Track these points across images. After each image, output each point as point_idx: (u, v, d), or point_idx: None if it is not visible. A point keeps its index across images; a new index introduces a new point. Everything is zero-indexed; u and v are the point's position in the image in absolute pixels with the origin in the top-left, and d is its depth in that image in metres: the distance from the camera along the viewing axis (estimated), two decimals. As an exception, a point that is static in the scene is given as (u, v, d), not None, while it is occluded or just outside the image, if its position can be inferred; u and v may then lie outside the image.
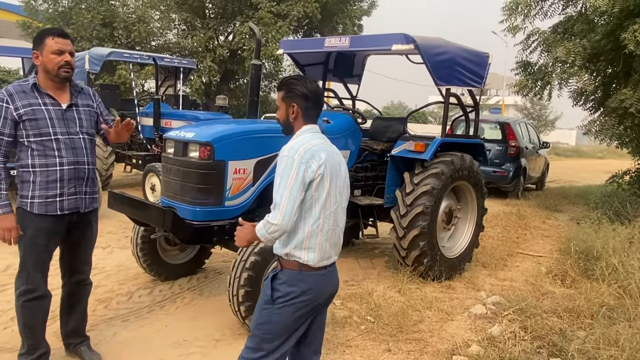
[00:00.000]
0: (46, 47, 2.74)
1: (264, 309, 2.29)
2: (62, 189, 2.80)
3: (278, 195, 2.16)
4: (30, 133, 2.71)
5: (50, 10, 14.60)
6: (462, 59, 5.13)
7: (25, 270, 2.83)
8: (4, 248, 5.39)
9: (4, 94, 2.70)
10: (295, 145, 2.23)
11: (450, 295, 4.95)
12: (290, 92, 2.32)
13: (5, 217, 2.70)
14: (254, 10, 15.28)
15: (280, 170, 2.19)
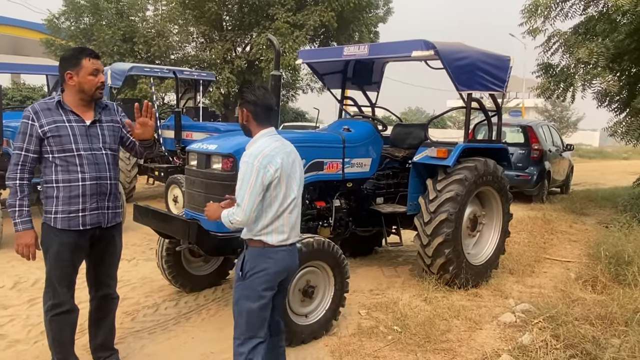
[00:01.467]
0: (83, 69, 2.79)
1: (237, 286, 2.68)
2: (84, 204, 2.83)
3: (239, 196, 2.55)
4: (54, 149, 2.76)
5: (72, 28, 14.94)
6: (482, 63, 5.07)
7: (52, 285, 2.86)
8: (32, 263, 5.51)
9: (30, 111, 2.75)
10: (254, 152, 2.59)
11: (477, 304, 4.86)
12: (242, 99, 2.75)
13: (25, 233, 2.75)
14: (271, 21, 15.39)
15: (241, 174, 2.56)
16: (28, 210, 2.77)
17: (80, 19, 14.95)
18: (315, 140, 4.52)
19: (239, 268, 2.71)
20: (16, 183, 2.72)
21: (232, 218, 2.57)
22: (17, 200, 2.72)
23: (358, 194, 5.04)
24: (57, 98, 2.81)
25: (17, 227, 2.74)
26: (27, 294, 4.69)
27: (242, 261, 2.71)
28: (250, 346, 2.63)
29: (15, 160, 2.72)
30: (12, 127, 6.79)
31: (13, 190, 2.72)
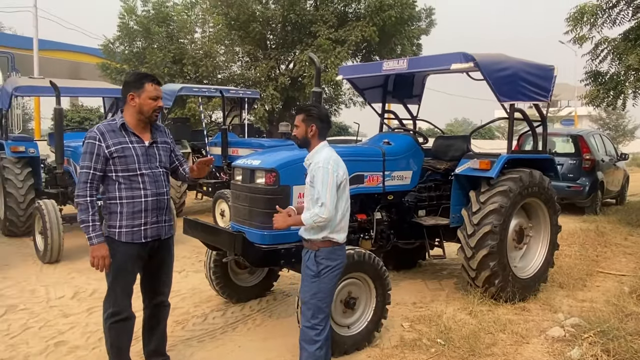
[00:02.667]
0: (145, 92, 3.02)
1: (313, 282, 3.07)
2: (145, 218, 3.04)
3: (323, 196, 2.91)
4: (119, 168, 2.98)
5: (126, 52, 15.77)
6: (525, 73, 5.02)
7: (113, 294, 3.06)
8: (90, 274, 5.85)
9: (97, 132, 2.97)
10: (326, 158, 3.01)
11: (525, 317, 4.75)
12: (309, 115, 3.13)
13: (99, 246, 2.95)
14: (313, 38, 15.69)
15: (320, 177, 2.94)
16: (100, 224, 2.98)
17: (133, 43, 15.76)
18: (355, 153, 4.60)
19: (310, 267, 3.08)
20: (87, 200, 2.93)
21: (317, 218, 2.92)
22: (89, 216, 2.93)
23: (399, 207, 5.07)
24: (121, 121, 3.03)
25: (91, 241, 2.94)
26: (86, 303, 4.98)
27: (313, 261, 3.07)
28: (326, 323, 3.14)
29: (84, 179, 2.95)
30: (72, 147, 7.26)
31: (84, 207, 2.93)
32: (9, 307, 4.80)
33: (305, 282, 3.12)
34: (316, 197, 2.96)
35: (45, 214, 6.30)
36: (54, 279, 5.79)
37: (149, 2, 16.15)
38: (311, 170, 3.04)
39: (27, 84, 7.99)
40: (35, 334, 4.18)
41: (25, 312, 4.68)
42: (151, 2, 16.20)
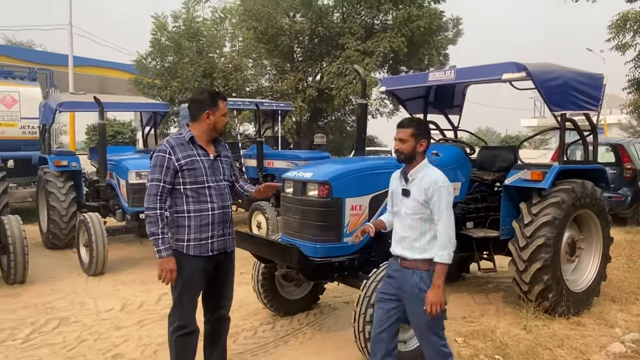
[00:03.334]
0: (219, 110, 3.11)
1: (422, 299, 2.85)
2: (212, 231, 3.06)
3: (446, 218, 2.82)
4: (187, 181, 3.01)
5: (158, 67, 16.07)
6: (575, 82, 4.93)
7: (180, 308, 3.06)
8: (135, 286, 5.90)
9: (166, 146, 3.01)
10: (443, 178, 2.89)
11: (581, 333, 4.61)
12: (420, 131, 2.97)
13: (168, 259, 2.96)
14: (341, 50, 15.77)
15: (444, 199, 2.83)
16: (168, 237, 3.00)
17: (165, 58, 16.06)
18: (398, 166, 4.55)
19: (422, 289, 2.86)
20: (157, 212, 2.96)
21: (451, 247, 2.82)
22: (159, 229, 2.95)
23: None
24: (189, 135, 3.07)
25: (160, 253, 2.96)
26: (135, 315, 5.01)
27: (426, 281, 2.86)
28: None
29: (154, 191, 2.97)
30: (115, 161, 7.38)
31: (154, 220, 2.95)
32: (61, 320, 4.86)
33: (419, 305, 2.85)
34: (437, 219, 2.85)
35: (91, 227, 6.40)
36: (101, 291, 5.86)
37: (179, 18, 16.46)
38: (426, 189, 2.86)
39: (70, 99, 8.19)
40: (91, 346, 4.22)
41: (77, 325, 4.74)
42: (181, 18, 16.50)
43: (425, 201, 2.85)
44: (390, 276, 3.09)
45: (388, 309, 3.02)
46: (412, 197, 2.93)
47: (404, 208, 2.98)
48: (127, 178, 6.80)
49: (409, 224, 2.93)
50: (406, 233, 2.94)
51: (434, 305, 2.77)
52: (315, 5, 16.07)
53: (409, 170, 3.00)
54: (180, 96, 15.01)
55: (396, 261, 3.04)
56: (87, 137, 18.44)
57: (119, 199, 7.14)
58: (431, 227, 2.88)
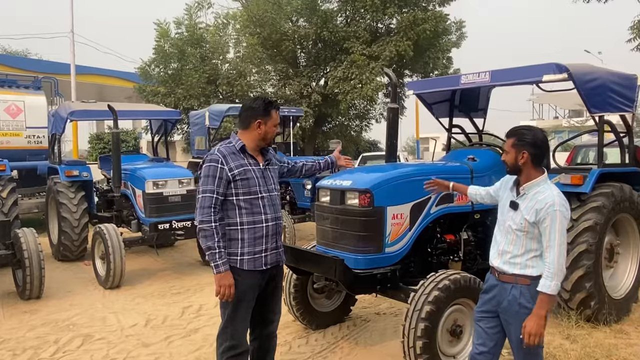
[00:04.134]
0: (271, 120, 2.97)
1: None
2: (266, 244, 2.91)
3: (557, 246, 2.51)
4: (240, 192, 2.85)
5: (161, 74, 15.91)
6: (612, 83, 4.79)
7: (233, 326, 2.89)
8: (155, 300, 5.71)
9: (219, 155, 2.85)
10: (560, 199, 2.57)
11: (626, 342, 4.45)
12: (521, 141, 2.67)
13: (227, 274, 2.80)
14: (346, 55, 15.66)
15: (557, 224, 2.52)
16: (225, 251, 2.83)
17: (169, 65, 15.91)
18: (443, 171, 4.41)
19: (526, 306, 2.62)
20: (212, 225, 2.78)
21: (559, 281, 2.54)
22: (215, 243, 2.78)
23: (484, 226, 4.82)
24: (240, 143, 2.91)
25: (218, 268, 2.79)
26: (161, 331, 4.82)
27: (528, 297, 2.62)
28: None
29: (208, 203, 2.80)
30: (129, 170, 7.20)
31: (209, 233, 2.78)
32: (85, 337, 4.67)
33: (521, 323, 2.59)
34: (547, 245, 2.54)
35: (108, 239, 6.21)
36: (120, 306, 5.67)
37: (182, 25, 16.33)
38: (538, 210, 2.57)
39: (82, 108, 8.00)
40: (121, 366, 4.04)
41: (103, 342, 4.55)
42: (184, 25, 16.37)
43: (535, 223, 2.58)
44: (486, 291, 2.84)
45: (489, 328, 2.79)
46: (520, 213, 2.66)
47: (510, 221, 2.72)
48: (143, 188, 6.62)
49: (512, 239, 2.69)
50: (509, 247, 2.70)
51: (532, 336, 2.52)
52: (320, 10, 15.97)
53: (522, 182, 2.72)
54: (185, 103, 14.85)
55: (494, 274, 2.79)
56: (90, 145, 18.21)
57: (135, 209, 6.96)
58: (538, 247, 2.62)
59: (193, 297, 5.97)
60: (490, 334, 2.79)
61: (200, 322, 5.07)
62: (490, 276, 2.82)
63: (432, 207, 4.16)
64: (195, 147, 9.74)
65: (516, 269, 2.66)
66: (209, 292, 6.15)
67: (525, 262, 2.64)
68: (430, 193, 3.84)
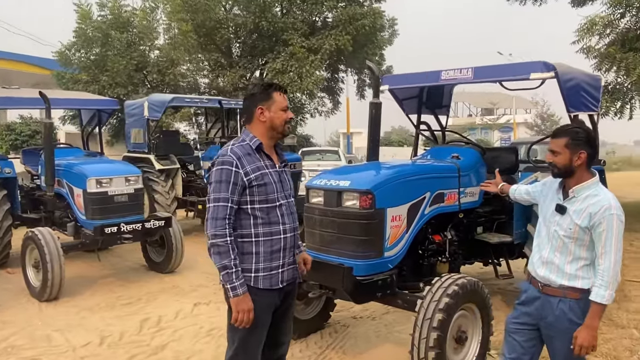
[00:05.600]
0: (276, 103, 2.52)
1: None
2: (284, 258, 2.52)
3: (613, 253, 2.38)
4: (257, 199, 2.44)
5: (82, 59, 14.56)
6: (584, 83, 4.88)
7: (245, 353, 2.49)
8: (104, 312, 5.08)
9: (232, 157, 2.41)
10: (616, 203, 2.42)
11: (602, 337, 4.55)
12: (577, 140, 2.49)
13: (245, 297, 2.38)
14: (285, 47, 15.28)
15: (614, 230, 2.38)
16: (241, 270, 2.41)
17: (90, 50, 14.61)
18: (434, 170, 4.26)
19: (575, 321, 2.45)
20: (227, 240, 2.35)
21: (614, 290, 2.38)
22: (232, 261, 2.35)
23: (466, 225, 4.76)
24: (256, 142, 2.50)
25: (236, 291, 2.36)
26: (122, 350, 4.26)
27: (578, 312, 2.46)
28: None
29: (222, 214, 2.37)
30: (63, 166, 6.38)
31: (224, 249, 2.35)
32: (31, 363, 4.01)
33: (569, 339, 2.44)
34: (601, 252, 2.39)
35: (44, 245, 5.44)
36: (64, 321, 4.97)
37: (105, 7, 15.05)
38: (593, 214, 2.40)
39: (3, 95, 6.98)
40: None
41: (55, 368, 3.92)
42: (107, 7, 15.11)
43: (588, 228, 2.42)
44: (525, 303, 2.64)
45: (525, 341, 2.60)
46: (569, 218, 2.49)
47: (555, 226, 2.55)
48: (84, 187, 5.87)
49: (559, 246, 2.51)
50: (555, 255, 2.52)
51: (584, 349, 2.40)
52: (259, 0, 15.45)
53: (570, 184, 2.54)
54: (111, 91, 13.69)
55: (536, 285, 2.60)
56: (0, 137, 16.31)
57: (73, 210, 6.17)
58: (588, 256, 2.46)
59: (147, 308, 5.39)
60: (526, 348, 2.62)
61: (165, 337, 4.56)
62: (530, 286, 2.64)
63: (426, 208, 4.00)
64: (132, 141, 8.94)
65: (564, 279, 2.48)
66: (163, 301, 5.61)
67: (575, 272, 2.47)
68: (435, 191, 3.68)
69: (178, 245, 6.53)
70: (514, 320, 2.68)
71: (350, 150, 25.83)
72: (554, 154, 2.54)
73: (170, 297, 5.78)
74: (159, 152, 8.62)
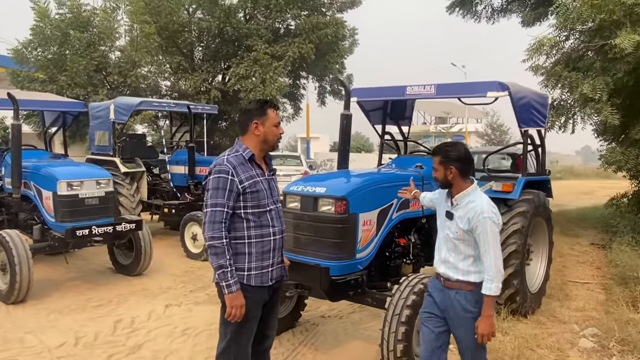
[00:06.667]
0: (269, 119, 2.79)
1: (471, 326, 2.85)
2: (273, 258, 2.79)
3: (492, 253, 2.74)
4: (249, 205, 2.68)
5: (39, 57, 14.16)
6: (534, 101, 5.39)
7: (235, 347, 2.72)
8: (75, 314, 5.13)
9: (228, 166, 2.65)
10: (489, 207, 2.81)
11: (546, 331, 5.05)
12: (446, 158, 2.90)
13: (238, 294, 2.62)
14: (249, 52, 15.42)
15: (489, 231, 2.75)
16: (234, 269, 2.64)
17: (48, 48, 14.22)
18: (404, 178, 4.58)
19: (469, 310, 2.85)
20: (223, 242, 2.59)
21: (499, 282, 2.74)
22: (227, 261, 2.59)
23: (427, 229, 5.13)
24: (249, 153, 2.74)
25: (230, 288, 2.59)
26: (99, 350, 4.36)
27: (472, 302, 2.85)
28: None
29: (219, 218, 2.60)
30: (30, 168, 6.34)
31: (221, 251, 2.59)
32: (7, 363, 4.05)
33: (467, 326, 2.84)
34: (483, 250, 2.78)
35: (12, 247, 5.42)
36: (35, 323, 4.99)
37: (64, 5, 14.69)
38: (470, 219, 2.79)
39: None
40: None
41: (32, 368, 3.99)
42: (66, 5, 14.75)
43: (470, 230, 2.80)
44: (431, 294, 3.05)
45: (435, 327, 2.97)
46: (455, 222, 2.89)
47: (447, 230, 2.95)
48: (54, 189, 5.87)
49: (452, 247, 2.92)
50: (450, 255, 2.92)
51: (485, 336, 2.78)
52: (222, 5, 15.49)
53: (454, 193, 2.94)
54: (70, 92, 13.39)
55: (439, 280, 3.01)
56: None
57: (41, 213, 6.14)
58: (475, 253, 2.85)
59: (119, 309, 5.47)
60: (436, 334, 2.98)
61: (140, 338, 4.68)
62: (436, 281, 3.06)
63: (394, 213, 4.34)
64: (96, 143, 8.88)
65: (459, 275, 2.88)
66: (134, 303, 5.70)
67: (467, 268, 2.86)
68: (401, 198, 4.00)
69: (147, 248, 6.60)
70: (425, 310, 3.08)
71: (309, 155, 26.15)
72: (435, 170, 2.99)
73: (141, 299, 5.86)
74: (125, 155, 8.62)
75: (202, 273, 7.03)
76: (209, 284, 6.52)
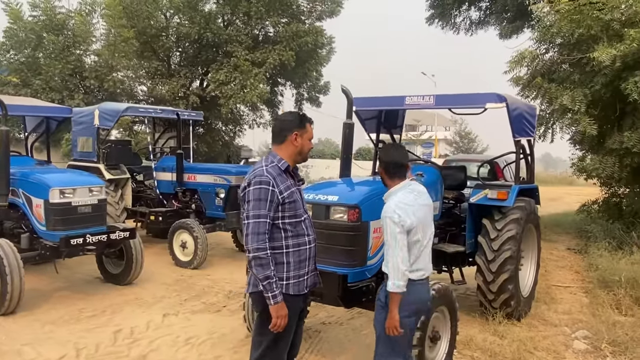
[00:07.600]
0: (307, 133, 2.87)
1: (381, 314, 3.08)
2: (308, 266, 2.84)
3: (390, 250, 2.92)
4: (287, 215, 2.73)
5: (12, 60, 13.75)
6: (525, 112, 5.61)
7: (274, 355, 2.75)
8: (70, 326, 5.01)
9: (269, 177, 2.68)
10: (392, 207, 2.98)
11: (540, 334, 5.23)
12: (379, 159, 3.34)
13: (282, 304, 2.65)
14: (228, 58, 15.38)
15: (388, 229, 2.93)
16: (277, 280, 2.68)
17: (22, 51, 13.83)
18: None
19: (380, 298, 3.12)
20: (267, 253, 2.62)
21: (395, 280, 2.89)
22: (272, 272, 2.63)
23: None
24: (285, 163, 2.78)
25: (276, 299, 2.62)
26: (103, 362, 4.28)
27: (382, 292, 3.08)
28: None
29: (263, 229, 2.63)
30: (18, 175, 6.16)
31: (266, 262, 2.61)
32: (10, 377, 3.93)
33: (377, 314, 3.13)
34: (385, 248, 3.01)
35: (3, 256, 5.25)
36: (30, 335, 4.85)
37: (38, 7, 14.33)
38: (382, 219, 3.03)
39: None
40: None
41: (38, 381, 3.88)
42: (40, 8, 14.39)
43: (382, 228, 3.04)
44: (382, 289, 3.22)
45: None
46: None
47: None
48: (46, 197, 5.71)
49: None
50: None
51: (389, 329, 2.96)
52: (202, 10, 15.41)
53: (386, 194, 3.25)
54: (44, 96, 13.05)
55: None
56: None
57: (31, 221, 5.97)
58: None
59: (115, 319, 5.37)
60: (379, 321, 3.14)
61: (142, 348, 4.61)
62: None
63: (400, 221, 4.42)
64: (79, 149, 8.67)
65: (384, 265, 3.07)
66: (130, 312, 5.60)
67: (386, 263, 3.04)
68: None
69: (138, 257, 6.50)
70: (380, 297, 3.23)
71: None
72: None
73: (135, 308, 5.77)
74: (110, 161, 8.46)
75: (193, 281, 6.96)
76: (202, 292, 6.47)
